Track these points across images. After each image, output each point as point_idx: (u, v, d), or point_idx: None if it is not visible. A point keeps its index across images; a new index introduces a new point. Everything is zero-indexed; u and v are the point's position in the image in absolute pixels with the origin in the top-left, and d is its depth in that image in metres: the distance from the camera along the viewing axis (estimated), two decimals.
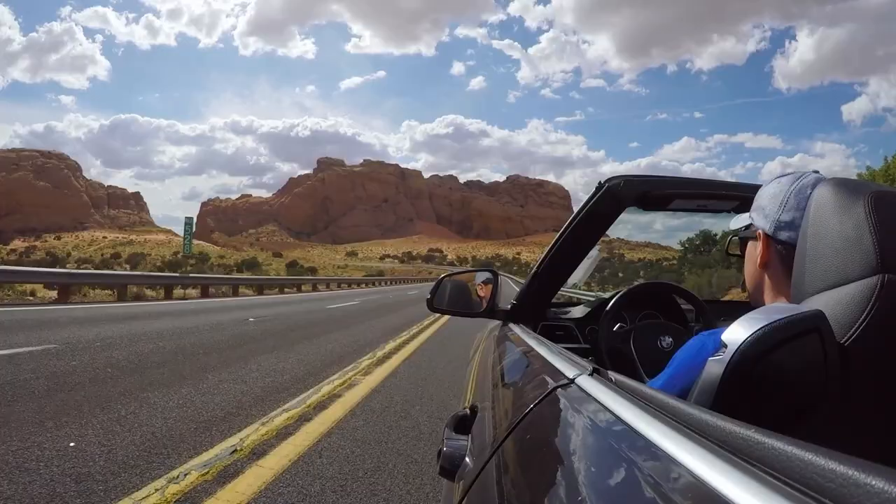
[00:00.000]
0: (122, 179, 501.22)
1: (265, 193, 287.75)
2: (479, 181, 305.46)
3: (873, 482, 0.24)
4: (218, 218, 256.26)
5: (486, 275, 1.65)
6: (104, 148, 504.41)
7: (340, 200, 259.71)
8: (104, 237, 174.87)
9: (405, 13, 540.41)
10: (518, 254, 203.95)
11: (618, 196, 1.28)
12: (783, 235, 0.70)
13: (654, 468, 0.37)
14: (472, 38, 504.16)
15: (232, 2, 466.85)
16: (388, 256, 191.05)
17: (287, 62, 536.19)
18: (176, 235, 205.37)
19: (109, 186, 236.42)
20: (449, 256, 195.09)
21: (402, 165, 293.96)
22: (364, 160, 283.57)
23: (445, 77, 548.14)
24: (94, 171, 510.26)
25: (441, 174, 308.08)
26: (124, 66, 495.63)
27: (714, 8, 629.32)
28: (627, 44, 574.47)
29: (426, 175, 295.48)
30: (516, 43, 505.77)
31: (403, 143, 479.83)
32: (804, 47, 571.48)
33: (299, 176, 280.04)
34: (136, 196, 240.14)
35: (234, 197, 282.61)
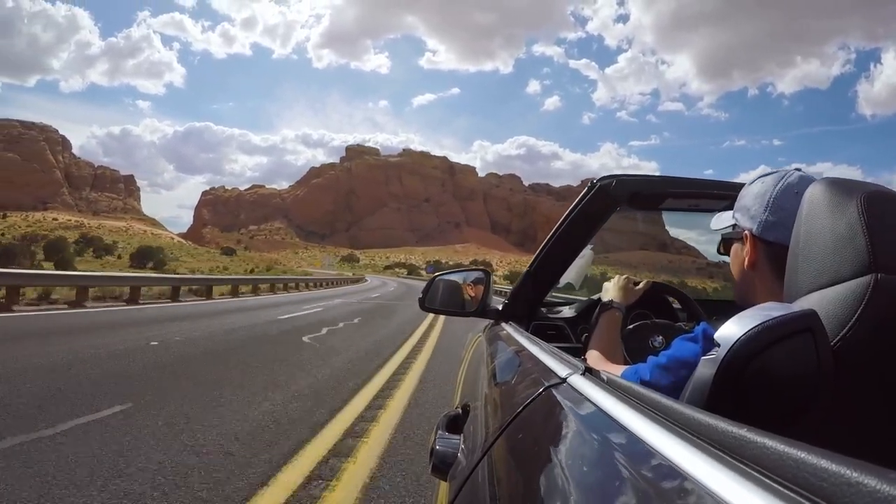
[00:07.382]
0: (194, 185, 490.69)
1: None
2: (547, 184, 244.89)
3: (866, 481, 0.23)
4: (217, 210, 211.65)
5: (477, 274, 1.64)
6: (177, 153, 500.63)
7: (369, 195, 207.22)
8: (54, 219, 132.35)
9: (480, 27, 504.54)
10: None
11: (610, 195, 1.26)
12: (770, 236, 0.69)
13: (647, 467, 0.37)
14: (548, 56, 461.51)
15: (306, 13, 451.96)
16: (400, 265, 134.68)
17: (360, 76, 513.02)
18: (157, 227, 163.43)
19: (99, 167, 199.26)
20: (499, 272, 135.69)
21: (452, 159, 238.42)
22: (404, 149, 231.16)
23: (520, 96, 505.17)
24: (167, 175, 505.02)
25: (500, 172, 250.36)
26: (200, 74, 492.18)
27: (797, 27, 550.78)
28: (707, 65, 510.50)
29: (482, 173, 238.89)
30: (593, 63, 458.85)
31: (474, 162, 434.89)
32: (890, 70, 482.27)
33: (322, 165, 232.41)
34: (129, 180, 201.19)
35: (243, 187, 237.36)
